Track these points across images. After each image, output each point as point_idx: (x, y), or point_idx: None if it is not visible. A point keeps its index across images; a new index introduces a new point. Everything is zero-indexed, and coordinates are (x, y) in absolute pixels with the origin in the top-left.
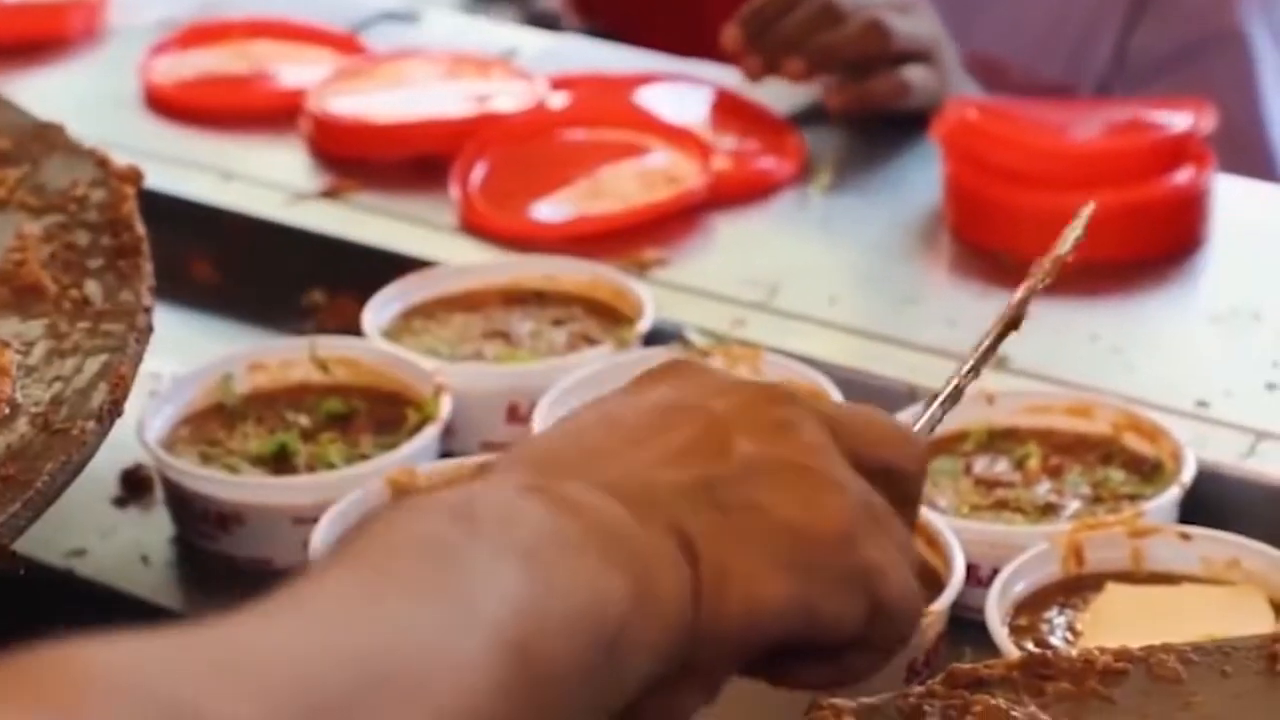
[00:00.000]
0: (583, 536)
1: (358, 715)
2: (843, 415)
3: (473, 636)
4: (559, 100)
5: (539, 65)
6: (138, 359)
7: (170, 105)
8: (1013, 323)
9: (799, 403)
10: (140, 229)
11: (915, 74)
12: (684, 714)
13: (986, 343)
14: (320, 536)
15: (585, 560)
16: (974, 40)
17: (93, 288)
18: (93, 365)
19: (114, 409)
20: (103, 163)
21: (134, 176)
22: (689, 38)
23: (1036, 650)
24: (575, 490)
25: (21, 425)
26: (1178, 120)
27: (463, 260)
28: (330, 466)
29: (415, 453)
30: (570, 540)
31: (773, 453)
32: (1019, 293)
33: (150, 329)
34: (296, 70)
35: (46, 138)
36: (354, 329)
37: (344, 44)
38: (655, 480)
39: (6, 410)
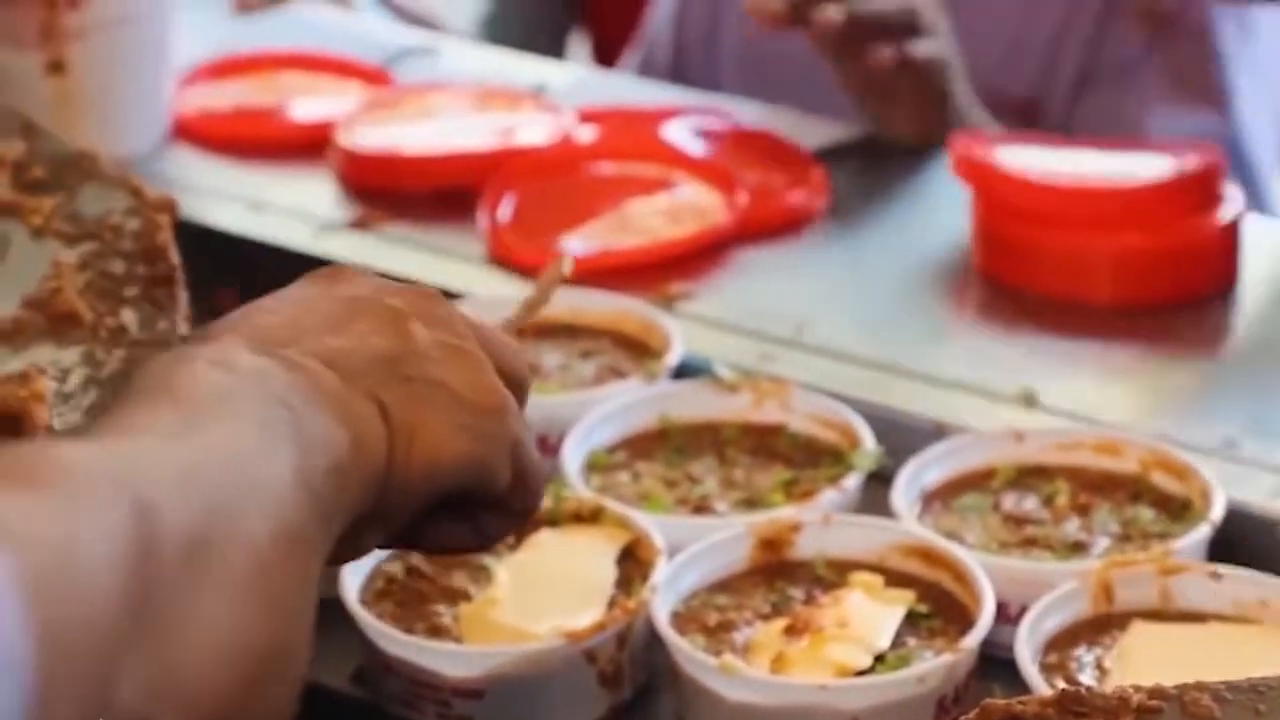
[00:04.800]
0: (314, 394)
1: (239, 518)
2: (476, 323)
3: (279, 467)
4: (586, 134)
5: (566, 99)
6: None
7: (199, 136)
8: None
9: (449, 304)
10: (175, 258)
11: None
12: (366, 551)
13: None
14: (350, 567)
15: (322, 414)
16: None
17: (129, 316)
18: None
19: None
20: (137, 192)
21: (168, 206)
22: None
23: (1070, 687)
24: (295, 355)
25: None
26: (1198, 160)
27: (490, 292)
28: None
29: None
30: (308, 397)
31: (442, 338)
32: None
33: None
34: (325, 102)
35: (81, 166)
36: None
37: (372, 76)
38: (353, 355)
39: None
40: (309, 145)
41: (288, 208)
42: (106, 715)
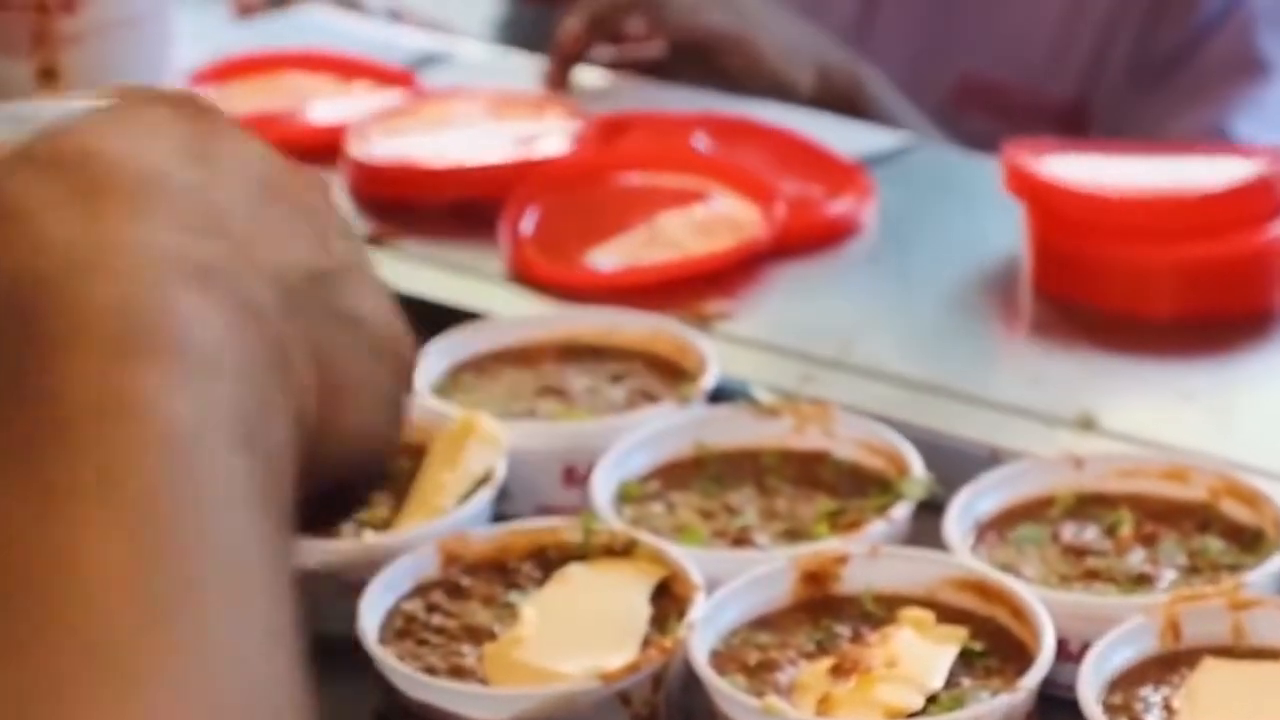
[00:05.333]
0: (267, 359)
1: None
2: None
3: (263, 635)
4: (613, 142)
5: (592, 105)
6: None
7: None
8: None
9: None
10: None
11: None
12: None
13: None
14: (368, 606)
15: (275, 406)
16: (967, 62)
17: None
18: None
19: None
20: None
21: None
22: None
23: None
24: (240, 286)
25: None
26: (1265, 167)
27: (514, 312)
28: (376, 529)
29: (468, 517)
30: (263, 377)
31: (351, 251)
32: None
33: None
34: (335, 108)
35: None
36: None
37: (387, 80)
38: (287, 271)
39: None
40: (319, 154)
41: None
42: None
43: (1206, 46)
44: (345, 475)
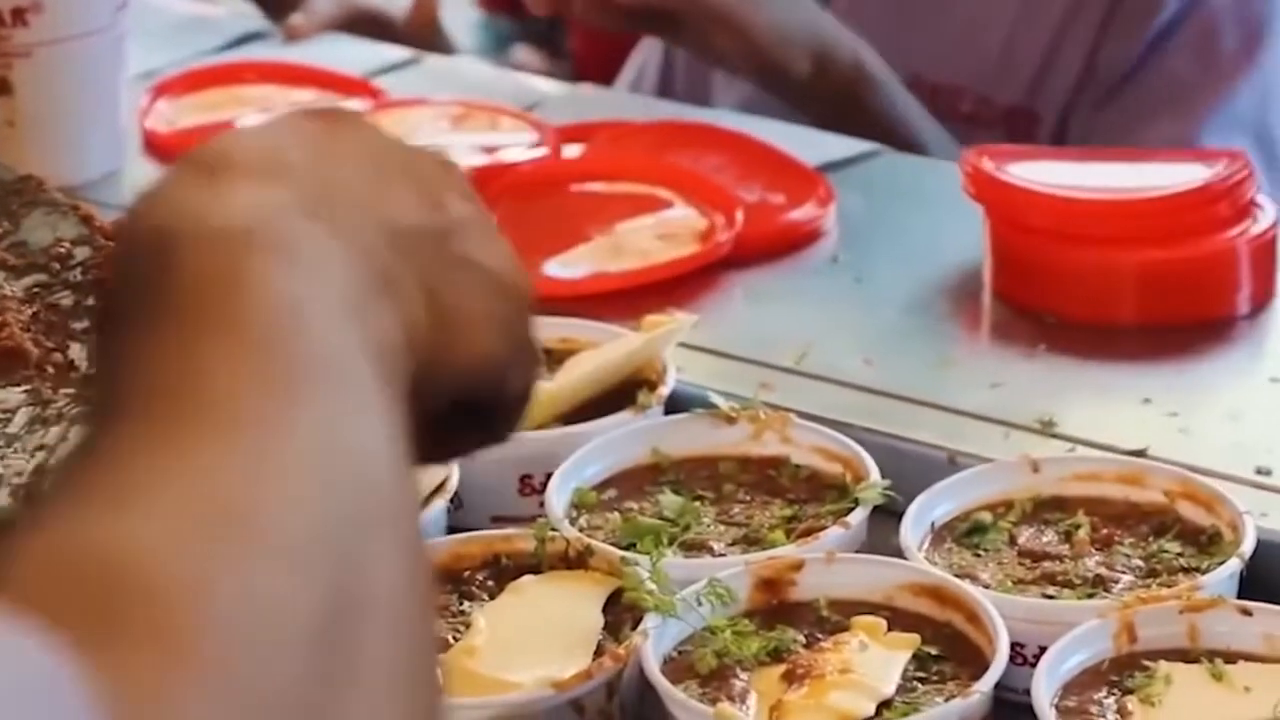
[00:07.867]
0: (377, 286)
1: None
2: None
3: (380, 446)
4: (574, 151)
5: (552, 114)
6: None
7: (165, 154)
8: None
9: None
10: None
11: None
12: None
13: None
14: None
15: (385, 316)
16: (917, 65)
17: (78, 351)
18: (79, 433)
19: None
20: (87, 218)
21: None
22: None
23: None
24: (353, 226)
25: (2, 497)
26: (1226, 171)
27: None
28: None
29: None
30: (370, 287)
31: (474, 212)
32: None
33: None
34: None
35: (25, 192)
36: None
37: (347, 87)
38: (399, 226)
39: None
40: None
41: None
42: None
43: (1166, 55)
44: (466, 396)
